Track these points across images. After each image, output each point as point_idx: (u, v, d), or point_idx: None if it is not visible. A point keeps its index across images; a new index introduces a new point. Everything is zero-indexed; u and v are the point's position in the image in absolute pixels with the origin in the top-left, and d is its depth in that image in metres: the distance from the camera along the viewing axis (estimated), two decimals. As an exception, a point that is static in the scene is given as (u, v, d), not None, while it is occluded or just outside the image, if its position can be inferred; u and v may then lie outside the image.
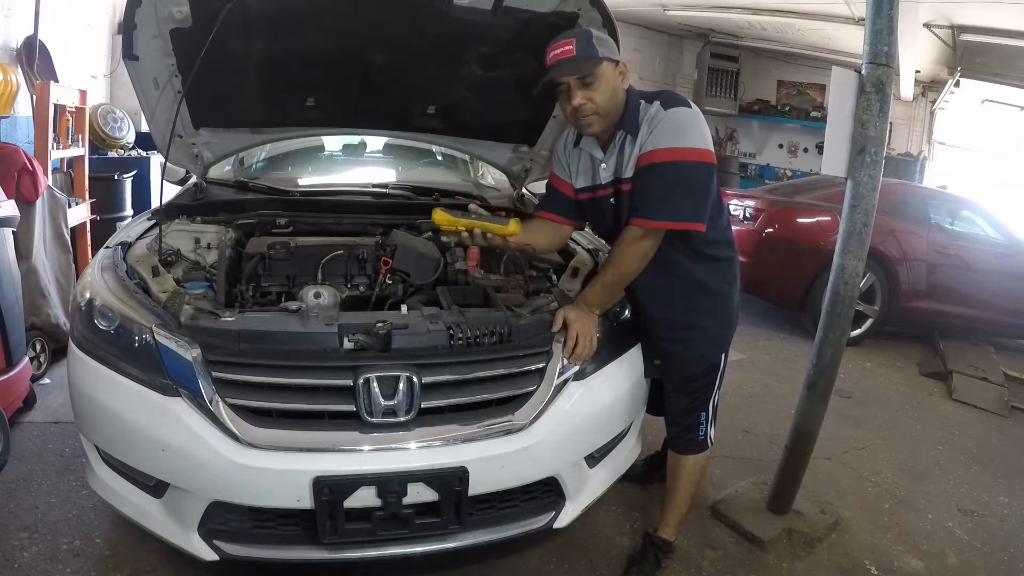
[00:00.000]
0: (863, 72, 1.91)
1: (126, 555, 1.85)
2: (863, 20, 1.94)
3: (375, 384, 1.51)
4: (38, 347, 2.89)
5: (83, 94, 3.69)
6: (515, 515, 1.71)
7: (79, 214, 3.53)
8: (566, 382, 1.70)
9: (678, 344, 1.83)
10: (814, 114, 8.45)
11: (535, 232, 1.87)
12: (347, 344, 1.59)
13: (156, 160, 4.66)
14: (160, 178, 2.15)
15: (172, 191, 2.55)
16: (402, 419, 1.53)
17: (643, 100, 1.67)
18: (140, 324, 1.56)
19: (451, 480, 1.54)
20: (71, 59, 4.36)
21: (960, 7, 5.16)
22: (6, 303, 2.41)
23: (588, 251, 2.24)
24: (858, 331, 4.61)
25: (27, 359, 2.58)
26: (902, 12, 2.07)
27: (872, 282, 4.55)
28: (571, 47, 1.59)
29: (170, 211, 2.20)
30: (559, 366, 1.68)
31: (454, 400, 1.60)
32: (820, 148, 6.88)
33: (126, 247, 1.93)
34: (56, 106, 3.41)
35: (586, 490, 1.81)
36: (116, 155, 4.66)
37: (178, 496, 1.53)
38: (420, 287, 1.99)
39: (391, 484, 1.50)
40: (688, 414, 1.89)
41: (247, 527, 1.56)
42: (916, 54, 5.99)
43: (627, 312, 1.94)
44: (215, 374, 1.49)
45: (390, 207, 2.43)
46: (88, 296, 1.67)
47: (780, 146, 9.15)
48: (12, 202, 2.54)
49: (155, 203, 3.06)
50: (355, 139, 3.31)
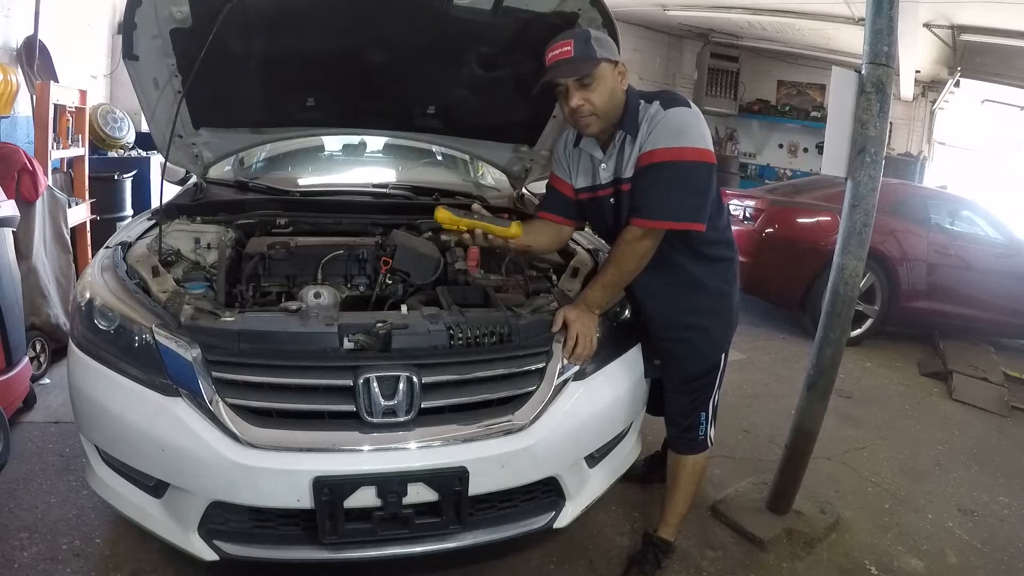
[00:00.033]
0: (863, 72, 1.91)
1: (126, 555, 1.85)
2: (863, 20, 1.94)
3: (375, 384, 1.51)
4: (38, 347, 2.89)
5: (83, 94, 3.69)
6: (515, 515, 1.71)
7: (79, 214, 3.53)
8: (566, 382, 1.70)
9: (678, 344, 1.83)
10: (814, 114, 8.44)
11: (536, 233, 1.87)
12: (347, 344, 1.59)
13: (156, 160, 4.65)
14: (160, 178, 2.15)
15: (172, 191, 2.55)
16: (402, 419, 1.53)
17: (643, 100, 1.66)
18: (140, 324, 1.56)
19: (451, 480, 1.54)
20: (71, 59, 4.36)
21: (960, 7, 5.16)
22: (6, 303, 2.41)
23: (588, 251, 2.24)
24: (858, 331, 4.60)
25: (27, 359, 2.58)
26: (902, 12, 2.07)
27: (872, 282, 4.55)
28: (569, 48, 1.59)
29: (170, 211, 2.20)
30: (559, 366, 1.68)
31: (454, 400, 1.60)
32: (820, 148, 6.88)
33: (126, 247, 1.93)
34: (56, 106, 3.41)
35: (586, 490, 1.81)
36: (116, 155, 4.66)
37: (178, 496, 1.53)
38: (420, 287, 1.99)
39: (391, 484, 1.50)
40: (688, 414, 1.89)
41: (247, 527, 1.56)
42: (916, 54, 5.99)
43: (627, 312, 1.94)
44: (215, 374, 1.49)
45: (390, 207, 2.43)
46: (88, 296, 1.67)
47: (780, 146, 9.15)
48: (12, 202, 2.54)
49: (155, 203, 3.05)
50: (355, 139, 3.31)
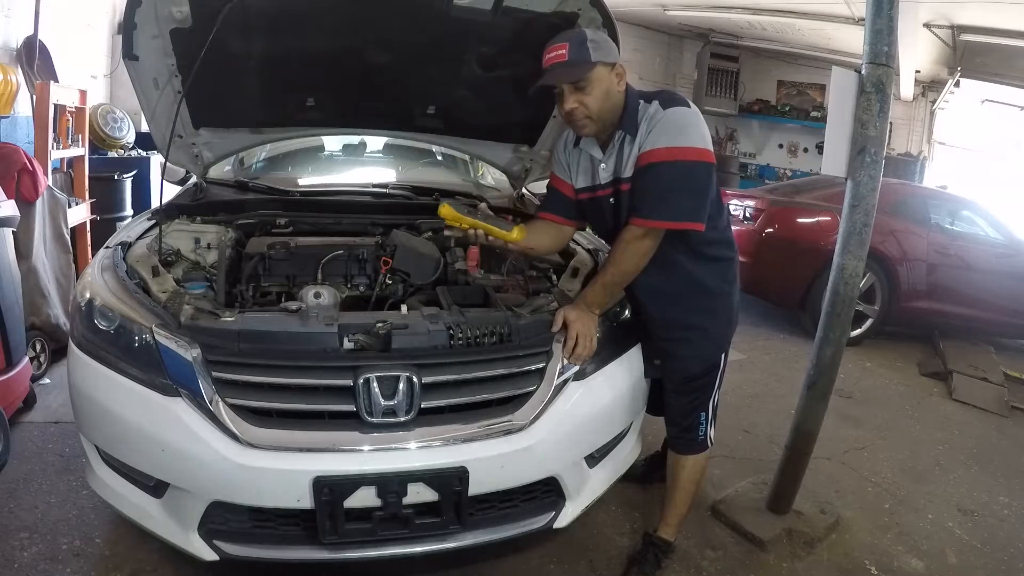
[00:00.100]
0: (863, 72, 1.91)
1: (126, 555, 1.85)
2: (863, 20, 1.94)
3: (375, 384, 1.51)
4: (38, 347, 2.89)
5: (83, 94, 3.69)
6: (515, 515, 1.71)
7: (79, 214, 3.53)
8: (566, 382, 1.70)
9: (678, 344, 1.83)
10: (814, 114, 8.44)
11: (537, 233, 1.87)
12: (347, 344, 1.59)
13: (156, 160, 4.65)
14: (160, 178, 2.14)
15: (172, 191, 2.55)
16: (402, 419, 1.53)
17: (642, 100, 1.66)
18: (140, 324, 1.56)
19: (451, 480, 1.54)
20: (71, 59, 4.36)
21: (960, 7, 5.16)
22: (6, 303, 2.41)
23: (588, 251, 2.24)
24: (858, 331, 4.60)
25: (27, 359, 2.58)
26: (902, 12, 2.07)
27: (872, 282, 4.55)
28: (564, 52, 1.59)
29: (170, 211, 2.20)
30: (559, 366, 1.68)
31: (454, 400, 1.60)
32: (820, 148, 6.89)
33: (126, 247, 1.93)
34: (56, 106, 3.41)
35: (586, 490, 1.81)
36: (116, 155, 4.65)
37: (178, 496, 1.53)
38: (420, 287, 1.99)
39: (391, 484, 1.50)
40: (688, 414, 1.89)
41: (247, 527, 1.56)
42: (916, 54, 5.99)
43: (627, 312, 1.94)
44: (215, 374, 1.49)
45: (390, 207, 2.43)
46: (88, 296, 1.67)
47: (780, 146, 9.15)
48: (12, 202, 2.54)
49: (155, 203, 3.05)
50: (355, 139, 3.31)
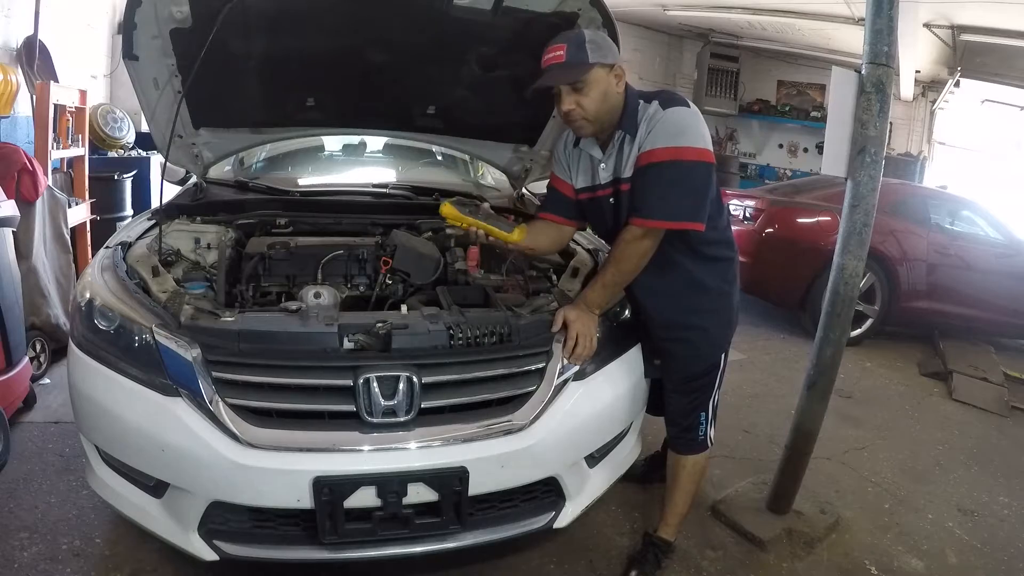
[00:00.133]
0: (863, 72, 1.91)
1: (126, 555, 1.85)
2: (863, 20, 1.94)
3: (375, 384, 1.51)
4: (38, 347, 2.89)
5: (83, 94, 3.69)
6: (515, 515, 1.71)
7: (79, 214, 3.53)
8: (566, 382, 1.70)
9: (678, 344, 1.83)
10: (814, 114, 8.44)
11: (537, 234, 1.87)
12: (347, 344, 1.59)
13: (156, 160, 4.65)
14: (160, 178, 2.14)
15: (172, 191, 2.55)
16: (402, 419, 1.53)
17: (642, 100, 1.66)
18: (140, 324, 1.56)
19: (451, 480, 1.54)
20: (71, 59, 4.36)
21: (960, 7, 5.16)
22: (6, 303, 2.41)
23: (588, 251, 2.24)
24: (858, 331, 4.60)
25: (27, 359, 2.58)
26: (902, 12, 2.07)
27: (872, 282, 4.55)
28: (561, 53, 1.59)
29: (170, 211, 2.20)
30: (559, 366, 1.68)
31: (454, 400, 1.60)
32: (820, 148, 6.87)
33: (126, 247, 1.93)
34: (56, 106, 3.41)
35: (586, 490, 1.81)
36: (116, 155, 4.65)
37: (178, 496, 1.53)
38: (420, 287, 1.99)
39: (391, 484, 1.50)
40: (688, 414, 1.89)
41: (247, 527, 1.56)
42: (916, 54, 5.99)
43: (627, 312, 1.94)
44: (215, 374, 1.49)
45: (390, 207, 2.43)
46: (88, 296, 1.67)
47: (780, 146, 9.15)
48: (12, 202, 2.54)
49: (155, 203, 3.05)
50: (355, 139, 3.31)
